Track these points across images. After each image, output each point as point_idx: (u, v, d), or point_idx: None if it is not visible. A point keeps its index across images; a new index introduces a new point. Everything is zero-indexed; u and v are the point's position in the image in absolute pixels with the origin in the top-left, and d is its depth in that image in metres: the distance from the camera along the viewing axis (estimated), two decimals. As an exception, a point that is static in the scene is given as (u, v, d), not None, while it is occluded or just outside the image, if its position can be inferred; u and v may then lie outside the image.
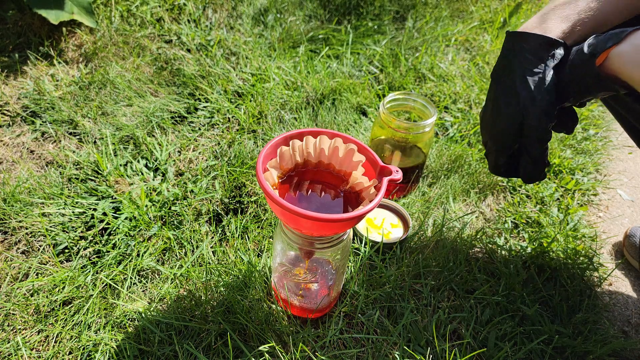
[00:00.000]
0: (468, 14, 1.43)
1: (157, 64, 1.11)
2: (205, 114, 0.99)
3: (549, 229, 0.80)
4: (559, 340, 0.63)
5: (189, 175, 0.85)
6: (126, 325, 0.62)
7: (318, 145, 0.52)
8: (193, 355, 0.59)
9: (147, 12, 1.22)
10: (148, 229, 0.74)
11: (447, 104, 1.08)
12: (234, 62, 1.14)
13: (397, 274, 0.69)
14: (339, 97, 1.04)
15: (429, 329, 0.63)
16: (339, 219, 0.43)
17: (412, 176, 0.82)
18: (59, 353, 0.59)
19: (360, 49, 1.22)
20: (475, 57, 1.23)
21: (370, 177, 0.51)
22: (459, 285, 0.70)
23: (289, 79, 1.08)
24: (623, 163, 1.04)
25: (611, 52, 0.46)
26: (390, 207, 0.80)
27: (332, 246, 0.53)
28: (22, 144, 0.90)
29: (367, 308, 0.66)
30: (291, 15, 1.30)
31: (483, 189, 0.88)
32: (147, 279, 0.69)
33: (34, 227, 0.73)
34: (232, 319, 0.61)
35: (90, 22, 1.08)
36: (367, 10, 1.35)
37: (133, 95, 1.01)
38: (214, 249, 0.72)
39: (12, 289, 0.65)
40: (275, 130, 0.95)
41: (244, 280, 0.65)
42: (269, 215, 0.77)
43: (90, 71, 1.07)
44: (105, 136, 0.90)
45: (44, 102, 0.97)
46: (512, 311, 0.67)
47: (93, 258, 0.71)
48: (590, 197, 0.93)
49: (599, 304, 0.71)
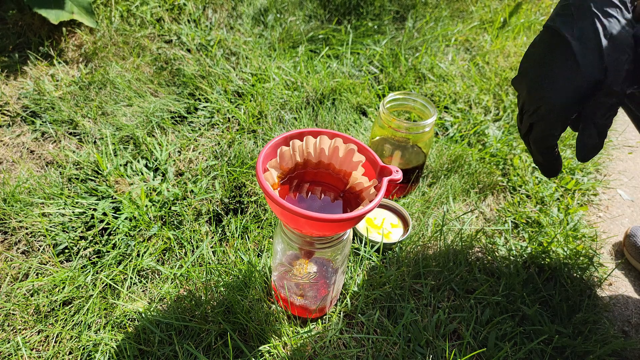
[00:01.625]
0: (468, 14, 1.43)
1: (157, 64, 1.11)
2: (205, 114, 0.99)
3: (549, 229, 0.80)
4: (559, 340, 0.63)
5: (189, 175, 0.85)
6: (126, 325, 0.62)
7: (318, 145, 0.52)
8: (193, 355, 0.59)
9: (147, 12, 1.22)
10: (148, 229, 0.74)
11: (447, 104, 1.08)
12: (234, 62, 1.14)
13: (397, 274, 0.69)
14: (339, 97, 1.04)
15: (429, 329, 0.63)
16: (338, 219, 0.43)
17: (412, 176, 0.82)
18: (59, 353, 0.59)
19: (360, 49, 1.22)
20: (475, 57, 1.23)
21: (370, 177, 0.51)
22: (459, 285, 0.70)
23: (289, 79, 1.08)
24: (623, 163, 1.04)
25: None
26: (390, 207, 0.80)
27: (332, 246, 0.53)
28: (22, 144, 0.90)
29: (367, 308, 0.66)
30: (291, 15, 1.30)
31: (483, 189, 0.88)
32: (147, 279, 0.69)
33: (34, 227, 0.73)
34: (232, 319, 0.61)
35: (90, 22, 1.08)
36: (367, 10, 1.35)
37: (133, 95, 1.01)
38: (214, 249, 0.72)
39: (12, 289, 0.65)
40: (275, 130, 0.95)
41: (244, 280, 0.65)
42: (269, 215, 0.77)
43: (90, 71, 1.07)
44: (105, 136, 0.90)
45: (44, 102, 0.97)
46: (512, 311, 0.67)
47: (93, 258, 0.71)
48: (590, 197, 0.93)
49: (599, 304, 0.71)
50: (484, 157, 0.94)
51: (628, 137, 1.11)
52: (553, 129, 0.46)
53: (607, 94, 0.43)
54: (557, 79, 0.44)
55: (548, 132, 0.47)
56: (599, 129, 0.45)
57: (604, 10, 0.42)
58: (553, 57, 0.45)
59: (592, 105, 0.44)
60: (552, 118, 0.46)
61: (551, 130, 0.47)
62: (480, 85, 1.13)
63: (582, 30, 0.43)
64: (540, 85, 0.46)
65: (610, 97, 0.43)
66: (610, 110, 0.43)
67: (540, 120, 0.47)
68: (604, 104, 0.43)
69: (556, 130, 0.47)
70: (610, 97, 0.43)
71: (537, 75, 0.46)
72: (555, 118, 0.45)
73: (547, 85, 0.45)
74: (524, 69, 0.48)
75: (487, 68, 1.19)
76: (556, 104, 0.45)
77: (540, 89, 0.46)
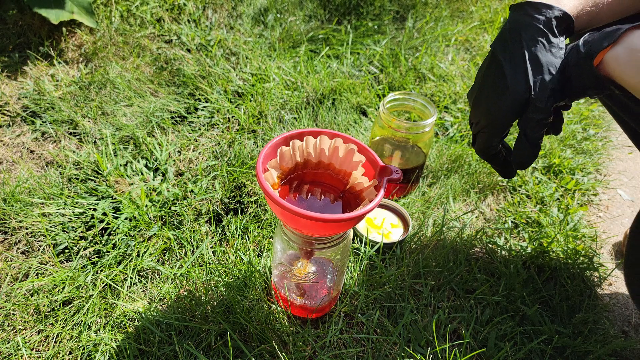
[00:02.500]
0: (468, 14, 1.43)
1: (157, 64, 1.11)
2: (205, 114, 0.99)
3: (549, 229, 0.80)
4: (559, 340, 0.63)
5: (189, 175, 0.85)
6: (126, 325, 0.62)
7: (318, 145, 0.52)
8: (193, 355, 0.59)
9: (147, 12, 1.22)
10: (148, 229, 0.74)
11: (447, 104, 1.08)
12: (234, 62, 1.14)
13: (397, 274, 0.69)
14: (339, 97, 1.04)
15: (429, 329, 0.63)
16: (339, 219, 0.43)
17: (412, 176, 0.82)
18: (59, 353, 0.59)
19: (360, 49, 1.22)
20: (475, 57, 1.23)
21: (370, 177, 0.51)
22: (459, 285, 0.70)
23: (289, 79, 1.08)
24: (623, 163, 1.04)
25: (606, 54, 0.44)
26: (390, 207, 0.80)
27: (332, 246, 0.53)
28: (22, 144, 0.90)
29: (367, 308, 0.66)
30: (291, 15, 1.30)
31: (483, 189, 0.88)
32: (147, 279, 0.69)
33: (34, 227, 0.73)
34: (232, 319, 0.61)
35: (90, 22, 1.08)
36: (367, 10, 1.35)
37: (133, 95, 1.01)
38: (214, 249, 0.72)
39: (12, 289, 0.65)
40: (275, 130, 0.95)
41: (244, 280, 0.65)
42: (269, 215, 0.77)
43: (90, 71, 1.07)
44: (105, 136, 0.90)
45: (44, 102, 0.97)
46: (512, 311, 0.67)
47: (93, 258, 0.71)
48: (590, 197, 0.93)
49: (599, 304, 0.71)
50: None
51: (628, 137, 1.11)
52: (491, 140, 0.52)
53: (534, 111, 0.47)
54: (492, 97, 0.50)
55: (488, 143, 0.52)
56: (530, 141, 0.49)
57: (532, 37, 0.47)
58: (489, 76, 0.51)
59: (522, 121, 0.49)
60: (489, 131, 0.51)
61: (490, 142, 0.52)
62: (480, 85, 1.13)
63: (512, 54, 0.48)
64: (479, 101, 0.52)
65: (537, 113, 0.47)
66: (538, 125, 0.48)
67: (480, 132, 0.52)
68: (532, 120, 0.48)
69: (494, 141, 0.52)
70: (537, 113, 0.47)
71: (478, 92, 0.52)
72: (492, 131, 0.51)
73: (484, 101, 0.51)
74: (473, 85, 0.54)
75: (487, 68, 1.19)
76: (490, 118, 0.50)
77: (479, 105, 0.52)
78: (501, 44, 0.50)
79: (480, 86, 0.52)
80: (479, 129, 0.53)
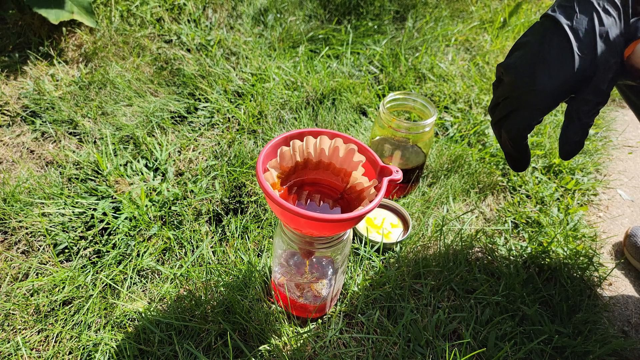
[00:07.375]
0: (468, 14, 1.42)
1: (157, 64, 1.11)
2: (205, 114, 0.99)
3: (549, 229, 0.80)
4: (559, 340, 0.63)
5: (189, 175, 0.85)
6: (126, 325, 0.62)
7: (318, 145, 0.52)
8: (193, 355, 0.59)
9: (147, 12, 1.22)
10: (148, 229, 0.74)
11: (447, 104, 1.08)
12: (234, 62, 1.14)
13: (397, 274, 0.69)
14: (339, 97, 1.04)
15: (429, 329, 0.63)
16: (339, 219, 0.43)
17: (412, 176, 0.82)
18: (59, 353, 0.59)
19: (360, 48, 1.22)
20: (475, 57, 1.23)
21: (370, 177, 0.51)
22: (459, 285, 0.70)
23: (289, 79, 1.08)
24: (623, 163, 1.04)
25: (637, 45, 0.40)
26: (390, 207, 0.80)
27: (332, 246, 0.53)
28: (22, 144, 0.90)
29: (367, 308, 0.66)
30: (291, 15, 1.30)
31: (483, 189, 0.88)
32: (147, 279, 0.69)
33: (34, 227, 0.73)
34: (232, 319, 0.61)
35: (90, 22, 1.08)
36: (367, 10, 1.35)
37: (133, 95, 1.01)
38: (214, 249, 0.72)
39: (12, 289, 0.65)
40: (275, 130, 0.95)
41: (244, 280, 0.65)
42: (269, 215, 0.77)
43: (90, 71, 1.07)
44: (105, 136, 0.90)
45: (44, 102, 0.97)
46: (512, 311, 0.67)
47: (93, 258, 0.71)
48: (590, 197, 0.93)
49: (599, 304, 0.71)
50: (484, 157, 0.94)
51: (628, 137, 1.11)
52: (534, 117, 0.45)
53: (593, 92, 0.42)
54: (551, 67, 0.43)
55: (528, 120, 0.45)
56: (582, 126, 0.44)
57: (605, 8, 0.42)
58: (549, 45, 0.44)
59: (578, 102, 0.43)
60: (537, 105, 0.44)
61: (531, 120, 0.45)
62: (480, 85, 1.13)
63: (581, 23, 0.42)
64: (532, 71, 0.44)
65: (596, 96, 0.43)
66: (594, 109, 0.43)
67: (522, 107, 0.45)
68: (590, 102, 0.43)
69: (535, 119, 0.46)
70: (596, 96, 0.43)
71: (530, 61, 0.45)
72: (540, 105, 0.44)
73: (539, 71, 0.44)
74: (516, 54, 0.47)
75: (487, 68, 1.19)
76: (546, 90, 0.43)
77: (531, 75, 0.44)
78: (565, 10, 0.43)
79: (534, 55, 0.44)
80: (522, 103, 0.45)
